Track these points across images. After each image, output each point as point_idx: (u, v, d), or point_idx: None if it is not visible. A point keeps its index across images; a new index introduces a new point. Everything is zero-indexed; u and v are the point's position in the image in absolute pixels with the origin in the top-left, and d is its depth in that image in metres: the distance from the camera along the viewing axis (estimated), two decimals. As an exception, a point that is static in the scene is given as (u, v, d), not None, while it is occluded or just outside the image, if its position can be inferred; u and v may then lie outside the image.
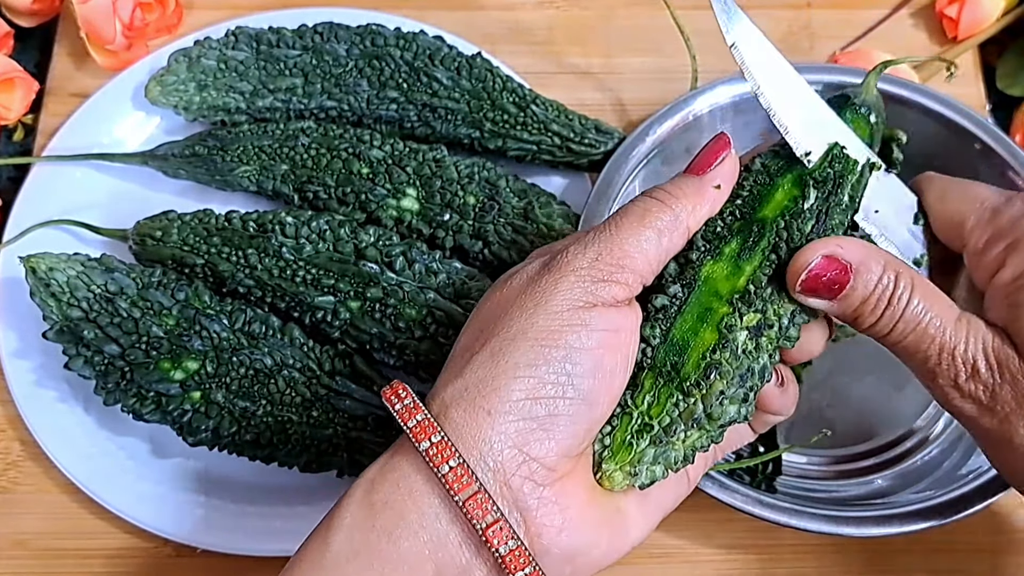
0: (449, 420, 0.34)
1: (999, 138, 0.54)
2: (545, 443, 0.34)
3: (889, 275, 0.37)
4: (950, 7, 0.64)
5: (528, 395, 0.34)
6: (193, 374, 0.49)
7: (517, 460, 0.34)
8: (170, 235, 0.54)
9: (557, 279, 0.35)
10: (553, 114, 0.58)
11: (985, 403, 0.37)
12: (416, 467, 0.34)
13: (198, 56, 0.59)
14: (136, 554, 0.53)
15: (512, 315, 0.35)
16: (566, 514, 0.34)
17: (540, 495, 0.34)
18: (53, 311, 0.50)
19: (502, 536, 0.33)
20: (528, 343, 0.34)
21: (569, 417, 0.34)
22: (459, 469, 0.33)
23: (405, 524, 0.33)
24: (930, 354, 0.37)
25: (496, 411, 0.34)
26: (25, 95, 0.63)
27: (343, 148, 0.56)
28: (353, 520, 0.34)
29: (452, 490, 0.33)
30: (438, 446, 0.33)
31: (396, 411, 0.35)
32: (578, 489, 0.35)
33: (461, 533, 0.33)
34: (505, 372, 0.34)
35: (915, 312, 0.37)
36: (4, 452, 0.56)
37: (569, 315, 0.35)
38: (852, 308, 0.38)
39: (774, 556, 0.53)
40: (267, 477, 0.53)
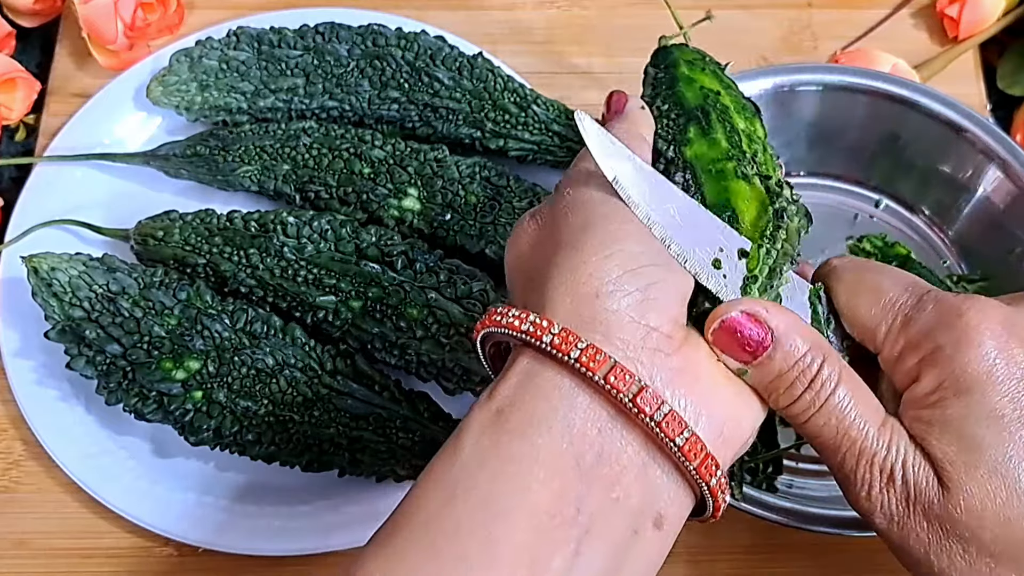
0: (560, 315, 0.33)
1: (1000, 138, 0.54)
2: (657, 311, 0.33)
3: (815, 356, 0.34)
4: (951, 7, 0.64)
5: (624, 269, 0.33)
6: (195, 374, 0.49)
7: (640, 333, 0.33)
8: (172, 235, 0.54)
9: (585, 181, 0.37)
10: (554, 114, 0.58)
11: (896, 519, 0.35)
12: (541, 361, 0.32)
13: (200, 56, 0.59)
14: (138, 553, 0.53)
15: (564, 222, 0.36)
16: (700, 382, 0.33)
17: (671, 365, 0.33)
18: (55, 311, 0.50)
19: (653, 402, 0.31)
20: (600, 225, 0.34)
21: (666, 282, 0.34)
22: (590, 349, 0.31)
23: (538, 420, 0.31)
24: (848, 456, 0.35)
25: (603, 292, 0.33)
26: (27, 95, 0.63)
27: (344, 148, 0.56)
28: (481, 428, 0.32)
29: (588, 369, 0.31)
30: (561, 335, 0.32)
31: (505, 325, 0.33)
32: (700, 356, 0.34)
33: (604, 416, 0.32)
34: (593, 254, 0.34)
35: (838, 405, 0.34)
36: (6, 452, 0.56)
37: (615, 199, 0.36)
38: (768, 380, 0.34)
39: (774, 556, 0.53)
40: (269, 476, 0.53)
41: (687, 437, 0.32)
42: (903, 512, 0.35)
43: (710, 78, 0.44)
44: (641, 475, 0.32)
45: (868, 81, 0.56)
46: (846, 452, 0.35)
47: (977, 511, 0.34)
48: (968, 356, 0.34)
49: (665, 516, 0.33)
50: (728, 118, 0.42)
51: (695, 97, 0.43)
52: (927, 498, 0.34)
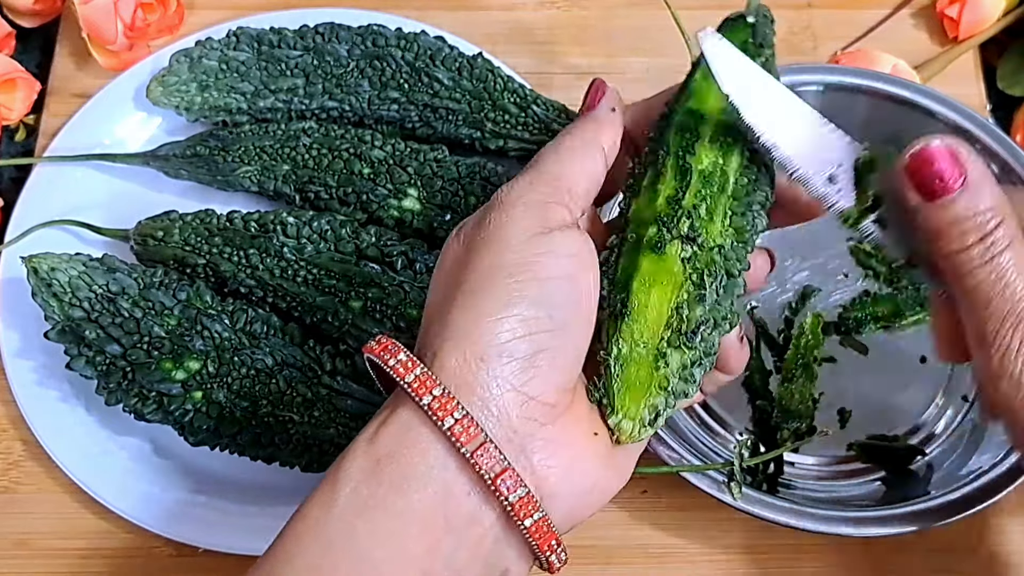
0: (445, 371, 0.34)
1: (1000, 138, 0.54)
2: (541, 380, 0.34)
3: (996, 215, 0.34)
4: (951, 7, 0.64)
5: (514, 335, 0.34)
6: (195, 374, 0.49)
7: (518, 402, 0.33)
8: (172, 235, 0.54)
9: (507, 211, 0.36)
10: (554, 114, 0.58)
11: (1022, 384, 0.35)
12: (420, 420, 0.33)
13: (199, 56, 0.59)
14: (137, 554, 0.53)
15: (478, 255, 0.35)
16: (570, 452, 0.34)
17: (545, 435, 0.34)
18: (55, 311, 0.50)
19: (510, 484, 0.32)
20: (500, 281, 0.34)
21: (556, 350, 0.34)
22: (464, 420, 0.32)
23: (414, 476, 0.33)
24: (995, 315, 0.35)
25: (488, 356, 0.33)
26: (27, 95, 0.63)
27: (344, 148, 0.56)
28: (359, 475, 0.33)
29: (459, 442, 0.32)
30: (440, 399, 0.33)
31: (391, 367, 0.34)
32: (578, 424, 0.35)
33: (469, 482, 0.33)
34: (486, 316, 0.34)
35: (1003, 265, 0.34)
36: (6, 452, 0.56)
37: (532, 244, 0.35)
38: (944, 222, 0.35)
39: (774, 556, 0.53)
40: (268, 477, 0.53)
41: (536, 520, 0.33)
42: None
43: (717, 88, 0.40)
44: (497, 537, 0.34)
45: (868, 82, 0.56)
46: (993, 310, 0.35)
47: None
48: None
49: (510, 571, 0.35)
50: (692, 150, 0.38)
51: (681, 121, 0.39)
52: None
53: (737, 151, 0.38)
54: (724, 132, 0.39)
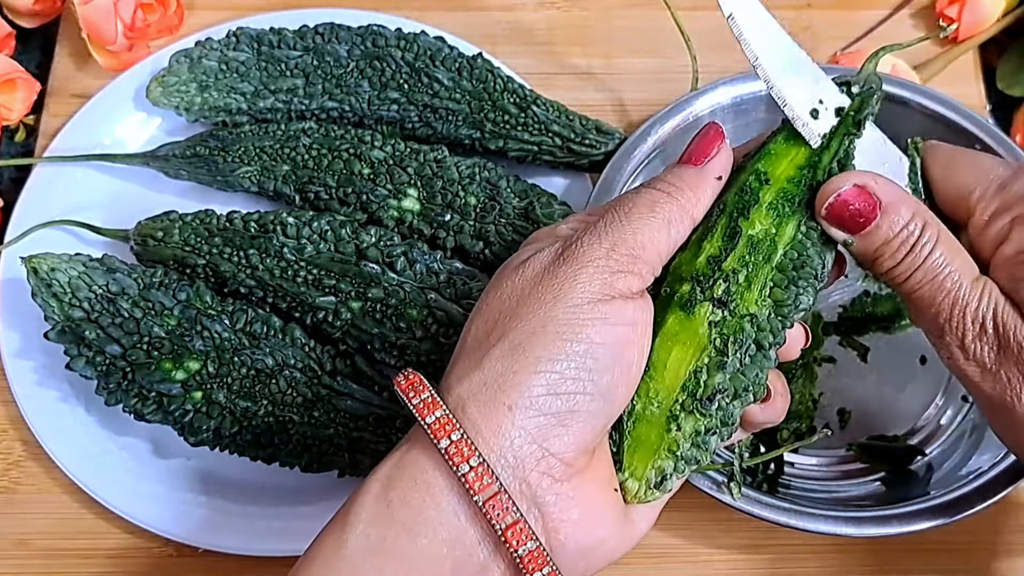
0: (467, 416, 0.34)
1: (999, 139, 0.54)
2: (564, 438, 0.34)
3: (917, 222, 0.37)
4: (950, 8, 0.64)
5: (549, 390, 0.34)
6: (194, 374, 0.49)
7: (536, 456, 0.33)
8: (171, 235, 0.54)
9: (576, 270, 0.35)
10: (554, 115, 0.58)
11: (989, 367, 0.37)
12: (435, 463, 0.33)
13: (199, 57, 0.59)
14: (137, 554, 0.53)
15: (531, 307, 0.35)
16: (582, 508, 0.34)
17: (558, 491, 0.34)
18: (55, 311, 0.50)
19: (521, 537, 0.33)
20: (549, 337, 0.34)
21: (588, 412, 0.34)
22: (479, 468, 0.33)
23: (424, 520, 0.33)
24: (943, 308, 0.37)
25: (516, 406, 0.33)
26: (27, 96, 0.63)
27: (344, 149, 0.56)
28: (369, 516, 0.33)
29: (472, 490, 0.32)
30: (457, 444, 0.33)
31: (414, 405, 0.34)
32: (594, 483, 0.35)
33: (479, 532, 0.33)
34: (526, 367, 0.34)
35: (936, 263, 0.37)
36: (6, 452, 0.56)
37: (589, 308, 0.35)
38: (874, 247, 0.37)
39: (774, 556, 0.53)
40: (268, 477, 0.53)
41: (546, 573, 0.33)
42: (994, 358, 0.37)
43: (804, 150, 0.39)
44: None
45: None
46: (941, 303, 0.37)
47: None
48: None
49: None
50: (747, 213, 0.37)
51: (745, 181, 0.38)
52: (1018, 342, 0.36)
53: (794, 223, 0.38)
54: (785, 200, 0.38)
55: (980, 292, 0.37)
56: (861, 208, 0.37)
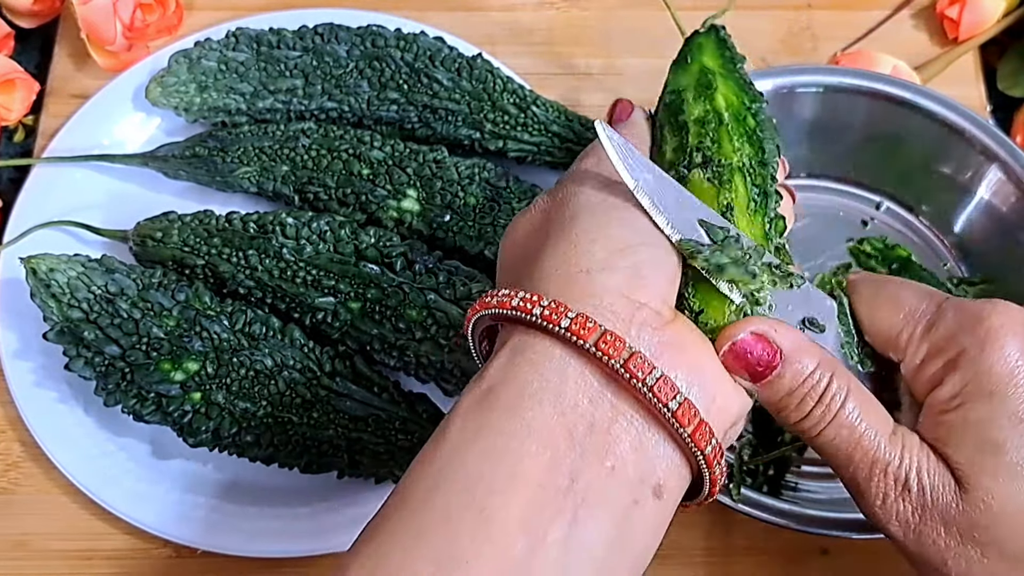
0: (549, 291, 0.33)
1: (1000, 139, 0.54)
2: (647, 288, 0.33)
3: (823, 372, 0.35)
4: (951, 8, 0.64)
5: (611, 250, 0.34)
6: (193, 375, 0.49)
7: (630, 308, 0.33)
8: (170, 236, 0.54)
9: (579, 177, 0.38)
10: (553, 115, 0.58)
11: (912, 527, 0.35)
12: (532, 335, 0.32)
13: (198, 57, 0.59)
14: (136, 555, 0.53)
15: (559, 211, 0.36)
16: (689, 354, 0.33)
17: (660, 339, 0.33)
18: (53, 312, 0.50)
19: (645, 367, 0.31)
20: (587, 214, 0.35)
21: (654, 261, 0.34)
22: (579, 319, 0.32)
23: (528, 394, 0.31)
24: (861, 467, 0.35)
25: (592, 269, 0.33)
26: (26, 96, 0.63)
27: (343, 149, 0.56)
28: (469, 408, 0.32)
29: (579, 337, 0.31)
30: (550, 307, 0.32)
31: (493, 305, 0.33)
32: (691, 332, 0.34)
33: (595, 385, 0.32)
34: (582, 237, 0.34)
35: (849, 418, 0.35)
36: (4, 453, 0.56)
37: (608, 189, 0.36)
38: (777, 397, 0.35)
39: (774, 557, 0.53)
40: (268, 478, 0.53)
41: (680, 402, 0.32)
42: (919, 519, 0.35)
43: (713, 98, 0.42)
44: (636, 444, 0.32)
45: (868, 83, 0.56)
46: (858, 462, 0.35)
47: (997, 514, 0.34)
48: (992, 358, 0.35)
49: (664, 485, 0.32)
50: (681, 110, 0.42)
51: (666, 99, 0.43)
52: (944, 503, 0.34)
53: (721, 95, 0.41)
54: (705, 87, 0.42)
55: (900, 449, 0.35)
56: (760, 357, 0.34)
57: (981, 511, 0.34)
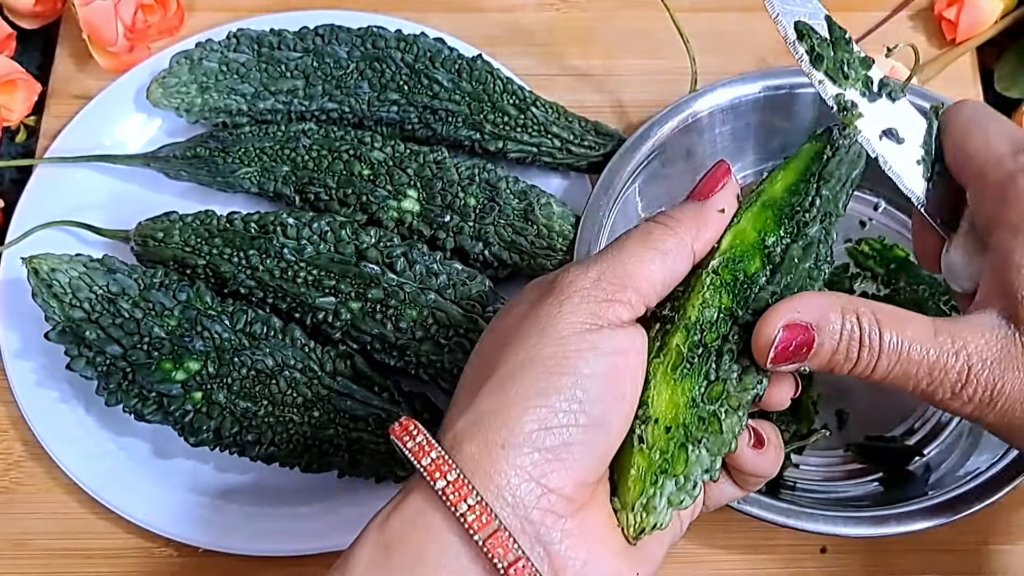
0: (463, 455, 0.33)
1: (998, 140, 0.54)
2: (562, 473, 0.33)
3: (850, 319, 0.36)
4: (949, 9, 0.65)
5: (541, 425, 0.33)
6: (195, 375, 0.49)
7: (536, 493, 0.33)
8: (172, 236, 0.54)
9: (561, 301, 0.35)
10: (553, 116, 0.59)
11: (987, 402, 0.36)
12: (433, 505, 0.33)
13: (200, 58, 0.59)
14: (138, 554, 0.53)
15: (518, 343, 0.34)
16: (589, 545, 0.34)
17: (562, 527, 0.33)
18: (55, 312, 0.50)
19: (525, 574, 0.32)
20: (536, 371, 0.33)
21: (584, 445, 0.33)
22: (478, 507, 0.32)
23: (423, 563, 0.32)
24: (921, 378, 0.36)
25: (509, 444, 0.33)
26: (27, 97, 0.63)
27: (344, 150, 0.56)
28: (367, 564, 0.33)
29: (472, 529, 0.32)
30: (454, 484, 0.32)
31: (408, 449, 0.34)
32: (599, 518, 0.35)
33: (482, 572, 0.32)
34: (516, 403, 0.33)
35: (892, 345, 0.36)
36: (6, 452, 0.56)
37: (576, 339, 0.34)
38: (826, 361, 0.36)
39: (773, 557, 0.53)
40: (268, 477, 0.53)
41: None
42: (990, 393, 0.36)
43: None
44: None
45: (866, 83, 0.56)
46: (918, 376, 0.36)
47: None
48: None
49: None
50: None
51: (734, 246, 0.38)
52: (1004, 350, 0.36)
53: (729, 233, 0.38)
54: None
55: (951, 344, 0.36)
56: (800, 341, 0.35)
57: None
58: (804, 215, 0.38)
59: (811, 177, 0.39)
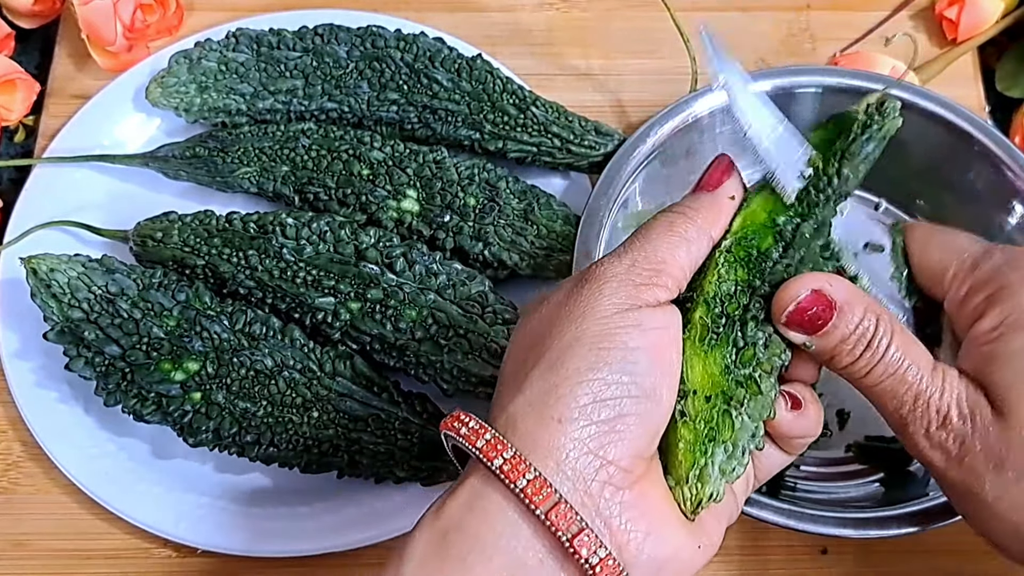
0: (518, 434, 0.33)
1: (999, 140, 0.54)
2: (619, 445, 0.33)
3: (870, 318, 0.37)
4: (949, 9, 0.65)
5: (595, 398, 0.33)
6: (194, 375, 0.49)
7: (594, 465, 0.33)
8: (171, 236, 0.54)
9: (600, 286, 0.36)
10: (553, 116, 0.58)
11: (954, 455, 0.37)
12: (491, 485, 0.33)
13: (199, 58, 0.59)
14: (137, 555, 0.53)
15: (561, 327, 0.35)
16: (649, 518, 0.34)
17: (621, 499, 0.33)
18: (54, 312, 0.50)
19: (590, 545, 0.32)
20: (584, 348, 0.34)
21: (637, 416, 0.34)
22: (537, 481, 0.32)
23: (480, 548, 0.32)
24: (905, 400, 0.37)
25: (566, 418, 0.33)
26: (26, 96, 0.63)
27: (343, 150, 0.56)
28: (423, 554, 0.33)
29: (532, 503, 0.32)
30: (511, 461, 0.32)
31: (462, 436, 0.34)
32: (656, 492, 0.35)
33: (543, 548, 0.32)
34: (567, 379, 0.33)
35: (893, 358, 0.37)
36: (5, 453, 0.56)
37: (619, 318, 0.35)
38: (831, 347, 0.37)
39: (773, 557, 0.53)
40: (268, 478, 0.53)
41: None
42: (959, 447, 0.37)
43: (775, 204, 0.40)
44: None
45: (867, 83, 0.56)
46: (903, 397, 0.37)
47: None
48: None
49: None
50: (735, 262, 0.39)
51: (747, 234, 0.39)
52: (982, 429, 0.36)
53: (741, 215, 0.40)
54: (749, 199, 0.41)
55: (941, 382, 0.37)
56: (818, 312, 0.37)
57: (1017, 434, 0.36)
58: (817, 195, 0.40)
59: (833, 156, 0.41)
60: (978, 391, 0.37)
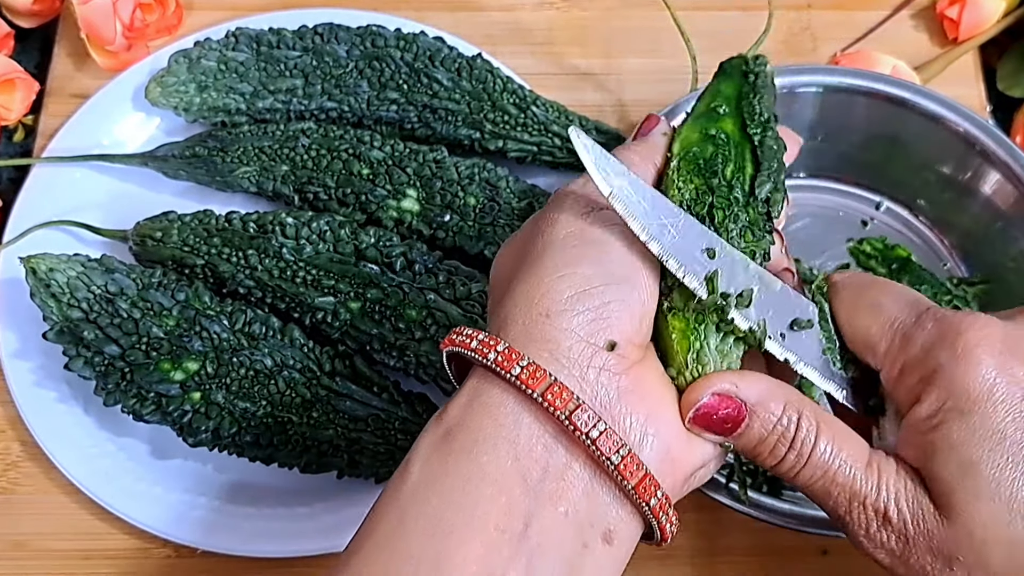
0: (510, 333, 0.34)
1: (1000, 140, 0.54)
2: (608, 331, 0.33)
3: (790, 415, 0.35)
4: (951, 8, 0.64)
5: (576, 290, 0.34)
6: (193, 375, 0.49)
7: (588, 353, 0.33)
8: (170, 236, 0.54)
9: (562, 198, 0.37)
10: (553, 115, 0.58)
11: (898, 554, 0.35)
12: (488, 381, 0.33)
13: (198, 57, 0.59)
14: (136, 555, 0.53)
15: (535, 240, 0.36)
16: (648, 403, 0.34)
17: (619, 384, 0.33)
18: (53, 312, 0.50)
19: (587, 420, 0.32)
20: (557, 248, 0.35)
21: (620, 302, 0.34)
22: (530, 367, 0.32)
23: (483, 438, 0.32)
24: (840, 502, 0.35)
25: (553, 312, 0.33)
26: (25, 96, 0.63)
27: (343, 149, 0.56)
28: (428, 450, 0.33)
29: (527, 386, 0.32)
30: (504, 353, 0.33)
31: (458, 343, 0.34)
32: (653, 376, 0.35)
33: (548, 435, 0.32)
34: (548, 276, 0.34)
35: (822, 457, 0.35)
36: (4, 453, 0.56)
37: (586, 217, 0.36)
38: (750, 448, 0.35)
39: (774, 557, 0.53)
40: (267, 478, 0.53)
41: (623, 455, 0.32)
42: (903, 547, 0.35)
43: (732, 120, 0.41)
44: (588, 491, 0.33)
45: (868, 83, 0.56)
46: (837, 498, 0.35)
47: (981, 536, 0.33)
48: (968, 376, 0.34)
49: (615, 532, 0.33)
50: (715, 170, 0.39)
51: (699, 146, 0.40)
52: (926, 529, 0.34)
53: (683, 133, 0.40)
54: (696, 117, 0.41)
55: (877, 480, 0.35)
56: (726, 415, 0.34)
57: (963, 534, 0.34)
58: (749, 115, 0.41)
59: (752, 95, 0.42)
60: (919, 487, 0.35)
